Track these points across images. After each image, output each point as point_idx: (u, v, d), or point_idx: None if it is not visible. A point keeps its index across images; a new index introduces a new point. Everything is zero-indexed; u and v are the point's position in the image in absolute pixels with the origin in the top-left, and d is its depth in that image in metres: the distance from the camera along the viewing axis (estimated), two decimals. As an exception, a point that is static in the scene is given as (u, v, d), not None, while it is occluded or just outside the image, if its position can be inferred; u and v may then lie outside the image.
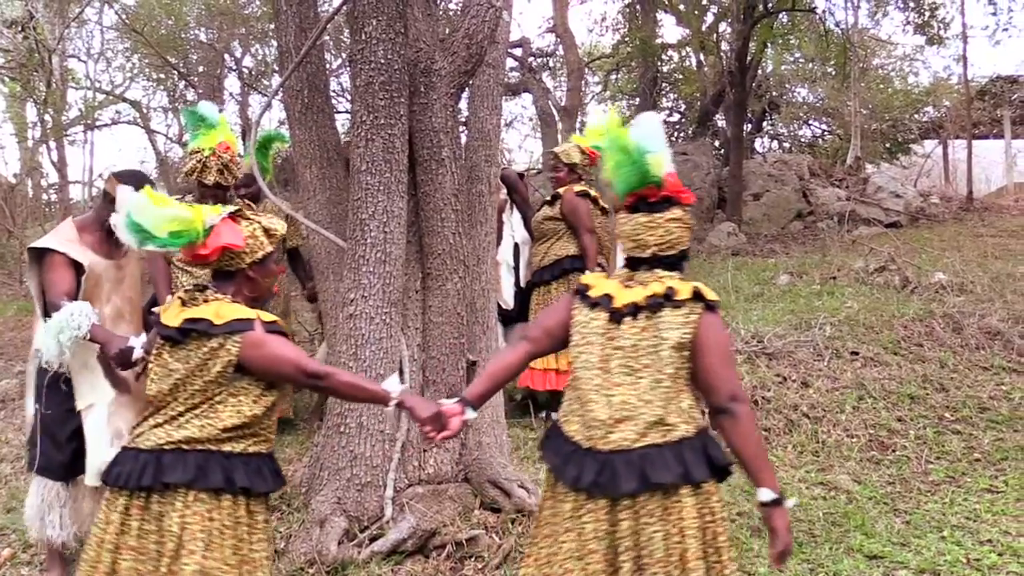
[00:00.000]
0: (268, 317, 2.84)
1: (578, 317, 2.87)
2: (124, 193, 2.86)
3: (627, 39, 17.53)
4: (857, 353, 6.86)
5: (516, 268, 6.54)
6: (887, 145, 18.76)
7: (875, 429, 5.87)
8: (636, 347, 2.73)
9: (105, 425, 3.82)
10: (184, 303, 2.88)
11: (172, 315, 2.85)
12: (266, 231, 2.93)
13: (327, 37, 10.83)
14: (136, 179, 3.88)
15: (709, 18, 16.12)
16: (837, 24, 15.57)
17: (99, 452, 3.75)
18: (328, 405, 4.62)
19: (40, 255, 3.83)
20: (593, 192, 6.18)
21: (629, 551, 2.62)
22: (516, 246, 6.57)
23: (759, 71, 16.92)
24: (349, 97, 12.90)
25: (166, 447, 2.75)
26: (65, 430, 3.86)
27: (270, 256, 2.95)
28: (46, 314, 3.74)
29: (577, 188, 6.06)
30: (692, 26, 15.82)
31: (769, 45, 16.20)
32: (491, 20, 4.76)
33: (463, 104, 5.29)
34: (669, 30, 29.17)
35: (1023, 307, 7.51)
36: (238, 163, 5.13)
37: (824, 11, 15.34)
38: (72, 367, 3.80)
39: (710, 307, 2.76)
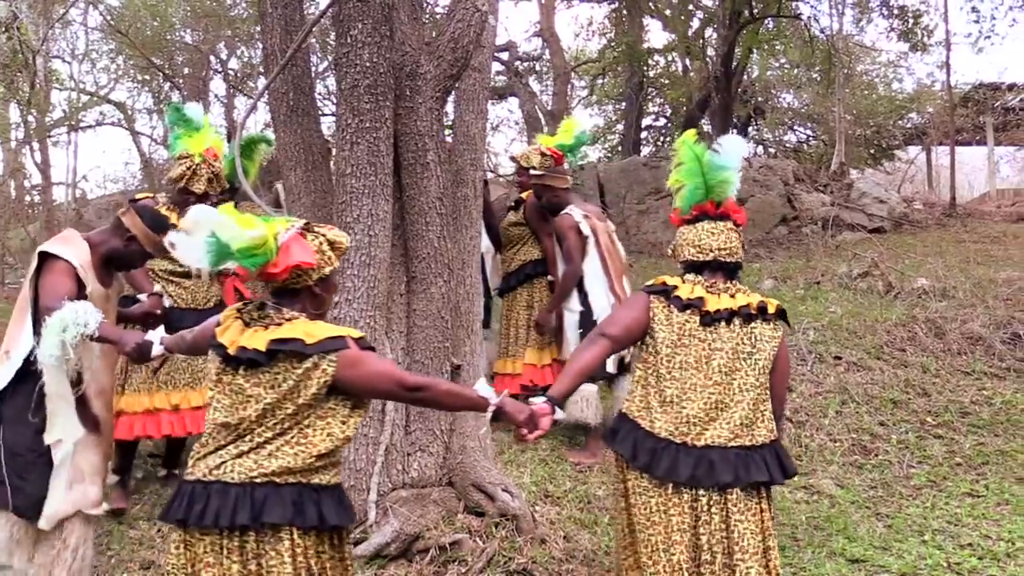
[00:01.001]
0: (356, 333, 2.73)
1: (661, 316, 3.10)
2: (200, 211, 2.68)
3: (613, 44, 17.55)
4: (840, 358, 6.89)
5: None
6: (871, 151, 18.85)
7: (858, 434, 5.90)
8: (735, 351, 3.03)
9: (68, 466, 3.49)
10: (248, 323, 2.73)
11: (244, 336, 2.67)
12: (331, 244, 2.81)
13: (313, 40, 10.81)
14: (158, 216, 3.76)
15: (695, 23, 16.19)
16: (822, 30, 15.64)
17: (57, 495, 3.46)
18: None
19: (44, 258, 3.54)
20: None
21: (720, 544, 2.90)
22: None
23: (744, 76, 16.97)
24: (335, 100, 12.87)
25: (257, 480, 2.57)
26: (40, 460, 3.48)
27: (336, 271, 2.85)
28: (36, 322, 3.47)
29: None
30: (678, 31, 15.86)
31: (755, 51, 16.26)
32: (477, 24, 4.77)
33: (449, 108, 5.28)
34: (655, 35, 29.22)
35: (1005, 313, 7.57)
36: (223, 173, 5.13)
37: (809, 17, 15.44)
38: (49, 393, 3.47)
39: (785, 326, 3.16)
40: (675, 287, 3.15)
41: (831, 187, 14.01)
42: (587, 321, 5.49)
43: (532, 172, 5.79)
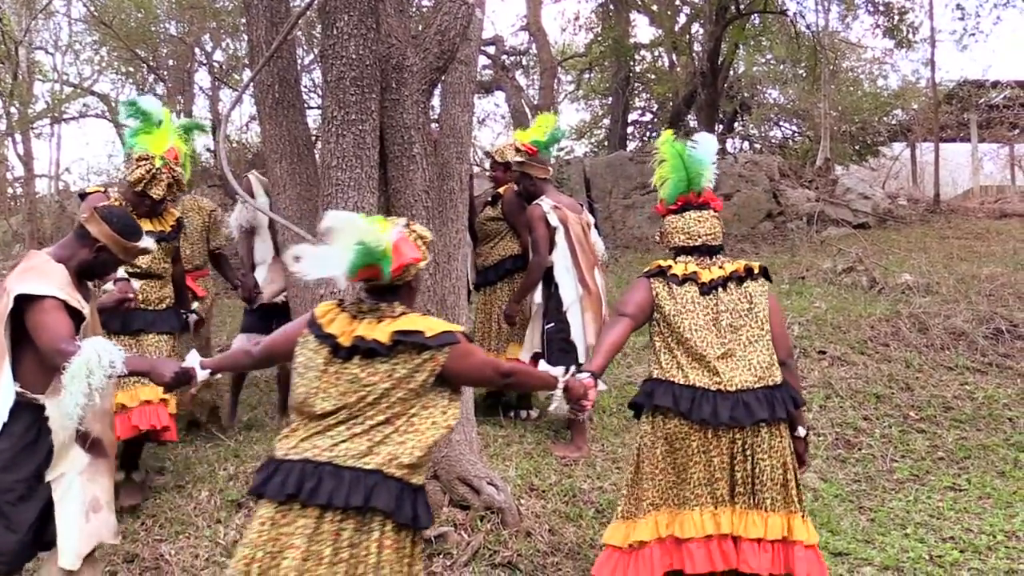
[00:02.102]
0: (460, 328, 2.87)
1: (663, 292, 3.53)
2: (341, 219, 2.75)
3: (600, 38, 17.57)
4: (824, 352, 6.93)
5: None
6: (856, 147, 18.93)
7: (841, 428, 5.93)
8: (736, 310, 3.48)
9: (80, 496, 3.19)
10: (355, 316, 2.84)
11: (360, 328, 2.78)
12: (423, 240, 2.91)
13: (298, 32, 10.77)
14: (127, 219, 3.45)
15: (682, 19, 16.24)
16: (808, 27, 15.69)
17: (74, 529, 3.16)
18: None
19: (23, 299, 3.12)
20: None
21: (748, 477, 3.33)
22: None
23: (731, 72, 17.02)
24: (320, 93, 12.82)
25: (369, 467, 2.66)
26: (25, 508, 3.13)
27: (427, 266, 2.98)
28: (15, 367, 3.14)
29: (518, 189, 6.00)
30: (665, 26, 15.90)
31: (741, 46, 16.32)
32: (463, 17, 4.76)
33: (435, 101, 5.27)
34: (642, 30, 29.31)
35: (987, 308, 7.62)
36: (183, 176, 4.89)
37: (795, 14, 15.48)
38: (54, 430, 3.15)
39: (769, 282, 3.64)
40: (669, 267, 3.57)
41: (816, 183, 14.08)
42: (556, 313, 5.51)
43: (515, 160, 5.81)
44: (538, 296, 5.65)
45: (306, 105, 6.00)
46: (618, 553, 3.46)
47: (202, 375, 3.15)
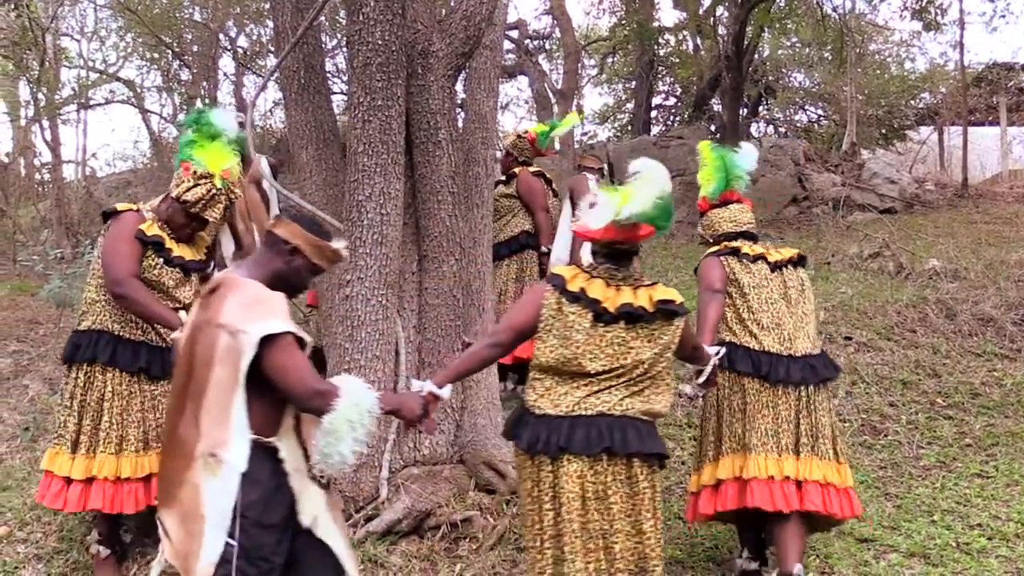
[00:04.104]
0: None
1: (738, 267, 4.00)
2: (651, 166, 3.12)
3: (624, 22, 17.44)
4: (850, 338, 6.88)
5: None
6: (883, 131, 18.72)
7: (867, 414, 5.90)
8: (796, 288, 4.04)
9: (335, 529, 2.94)
10: (608, 282, 3.12)
11: (622, 295, 3.09)
12: None
13: (323, 17, 10.78)
14: (314, 222, 3.11)
15: (706, 1, 16.06)
16: (834, 9, 15.50)
17: (350, 561, 2.95)
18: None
19: (267, 340, 2.72)
20: (548, 174, 6.46)
21: (811, 429, 3.82)
22: None
23: (756, 55, 16.86)
24: (345, 78, 12.82)
25: (645, 419, 3.10)
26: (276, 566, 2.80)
27: None
28: (251, 411, 2.76)
29: (532, 169, 6.26)
30: (689, 9, 15.76)
31: (766, 29, 16.14)
32: (489, 1, 4.75)
33: (460, 86, 5.27)
34: (666, 13, 29.11)
35: (1016, 294, 7.54)
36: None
37: (822, -5, 15.29)
38: (290, 472, 2.84)
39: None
40: (738, 248, 4.05)
41: (842, 167, 13.95)
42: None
43: (579, 155, 6.34)
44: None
45: (330, 91, 6.01)
46: (696, 498, 4.03)
47: (444, 394, 3.08)
